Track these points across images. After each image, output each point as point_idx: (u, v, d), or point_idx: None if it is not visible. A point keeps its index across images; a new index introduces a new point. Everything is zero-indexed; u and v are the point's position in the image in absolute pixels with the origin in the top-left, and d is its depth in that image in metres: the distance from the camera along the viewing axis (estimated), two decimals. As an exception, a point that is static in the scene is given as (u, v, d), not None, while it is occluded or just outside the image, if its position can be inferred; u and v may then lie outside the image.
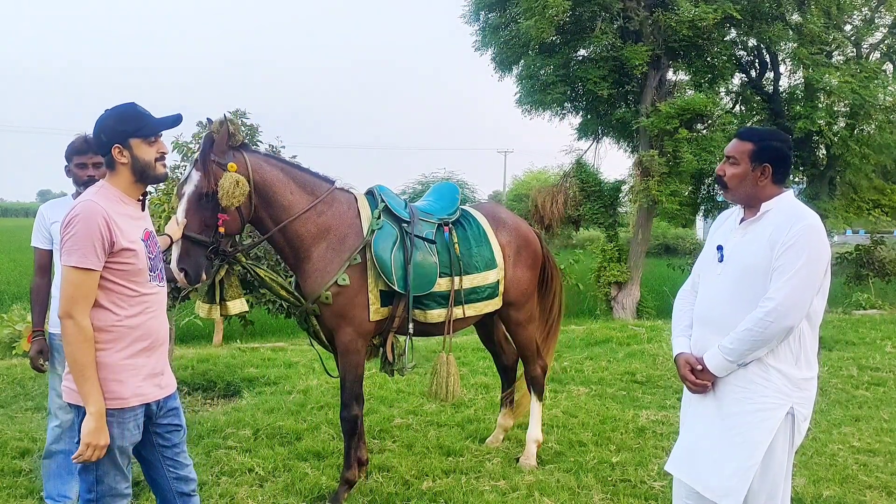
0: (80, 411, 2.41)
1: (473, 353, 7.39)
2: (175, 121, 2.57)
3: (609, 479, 4.16)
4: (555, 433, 4.94)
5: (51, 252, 3.52)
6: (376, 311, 3.81)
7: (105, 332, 2.38)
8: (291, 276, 4.03)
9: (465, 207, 4.38)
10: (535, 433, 4.50)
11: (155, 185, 6.93)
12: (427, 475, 4.18)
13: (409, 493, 3.94)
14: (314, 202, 3.74)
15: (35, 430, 4.78)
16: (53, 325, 3.52)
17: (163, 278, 2.60)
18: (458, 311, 4.06)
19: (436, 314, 4.01)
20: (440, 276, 3.97)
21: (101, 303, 2.38)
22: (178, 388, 2.71)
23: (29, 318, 5.68)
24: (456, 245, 4.08)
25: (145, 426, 2.52)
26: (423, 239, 3.96)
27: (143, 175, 2.50)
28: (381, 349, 4.02)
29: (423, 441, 4.77)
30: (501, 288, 4.24)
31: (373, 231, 3.79)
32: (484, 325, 4.67)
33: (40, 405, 5.36)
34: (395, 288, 3.77)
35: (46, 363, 3.50)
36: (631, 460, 4.44)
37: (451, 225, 4.16)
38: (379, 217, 3.87)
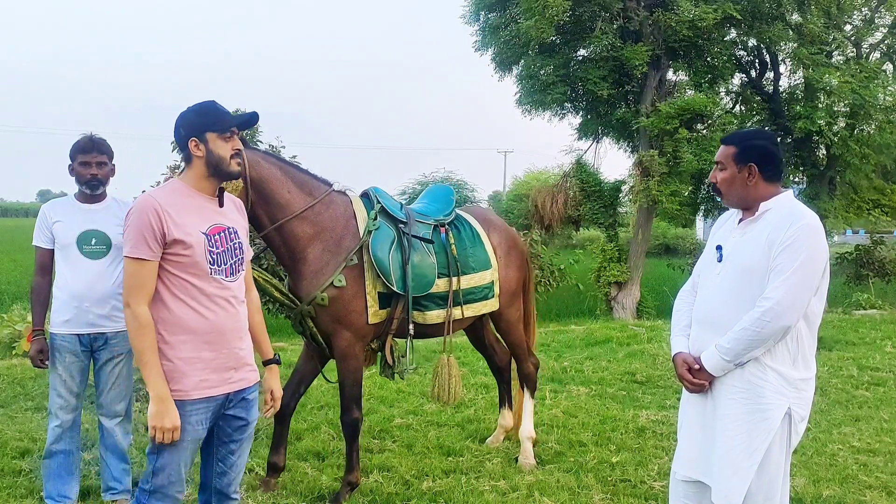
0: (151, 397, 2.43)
1: (473, 353, 7.36)
2: (251, 119, 2.67)
3: (609, 479, 4.16)
4: (555, 433, 4.94)
5: (52, 251, 3.52)
6: (375, 314, 3.79)
7: (168, 323, 2.42)
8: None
9: (457, 210, 4.39)
10: (528, 430, 4.51)
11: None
12: (427, 475, 4.18)
13: (409, 493, 3.94)
14: (312, 203, 3.72)
15: (35, 430, 4.77)
16: (54, 324, 3.52)
17: (232, 273, 2.55)
18: (456, 312, 4.06)
19: (434, 315, 4.01)
20: (438, 277, 3.97)
21: (163, 295, 2.42)
22: None
23: (29, 317, 5.68)
24: (453, 246, 4.09)
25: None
26: (421, 239, 3.95)
27: (217, 170, 2.52)
28: (381, 353, 4.01)
29: (423, 441, 4.77)
30: (497, 289, 4.25)
31: (369, 232, 3.78)
32: (474, 329, 4.68)
33: (40, 405, 5.35)
34: (394, 289, 3.77)
35: (47, 361, 3.50)
36: (631, 460, 4.45)
37: (447, 226, 4.16)
38: (375, 218, 3.86)
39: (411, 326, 3.92)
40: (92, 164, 3.50)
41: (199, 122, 2.50)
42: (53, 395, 3.52)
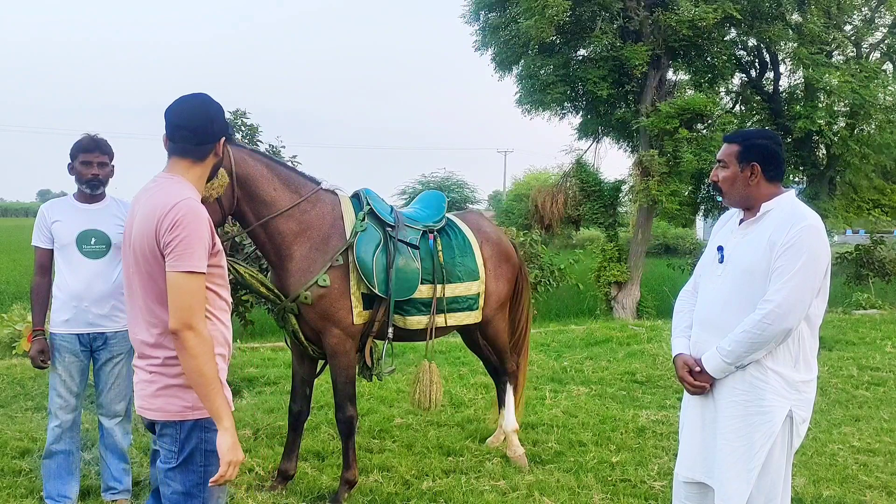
0: (181, 427, 2.19)
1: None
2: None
3: (609, 479, 4.16)
4: (555, 433, 4.94)
5: (51, 251, 3.52)
6: (359, 315, 3.80)
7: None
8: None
9: (450, 216, 4.39)
10: (511, 423, 4.55)
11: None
12: (427, 475, 4.18)
13: (409, 493, 3.94)
14: (298, 200, 3.73)
15: (35, 430, 4.77)
16: (53, 324, 3.52)
17: None
18: (438, 320, 4.07)
19: (415, 321, 4.01)
20: (422, 283, 3.96)
21: (207, 310, 2.21)
22: None
23: (29, 317, 5.68)
24: (440, 253, 4.08)
25: None
26: (407, 244, 3.95)
27: (213, 175, 2.44)
28: (360, 353, 4.01)
29: (423, 441, 4.77)
30: (482, 301, 4.26)
31: (356, 233, 3.79)
32: (468, 332, 4.68)
33: (40, 405, 5.36)
34: (376, 291, 3.77)
35: (48, 362, 3.50)
36: (631, 460, 4.45)
37: (435, 233, 4.16)
38: (363, 219, 3.86)
39: (391, 330, 3.91)
40: (94, 163, 3.50)
41: (226, 123, 2.35)
42: (53, 395, 3.52)
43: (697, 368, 2.62)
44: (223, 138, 2.34)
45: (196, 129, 2.25)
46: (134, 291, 2.23)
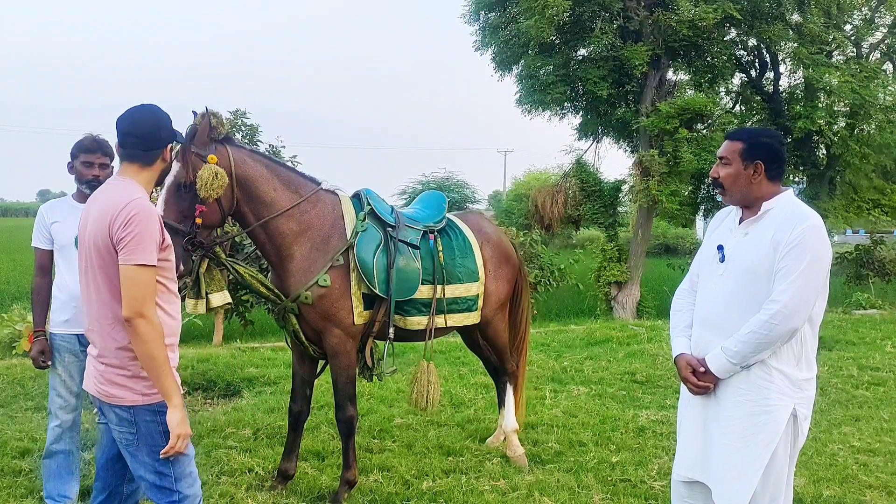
0: (133, 411, 2.39)
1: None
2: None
3: (609, 479, 4.16)
4: (555, 433, 4.94)
5: (51, 252, 3.52)
6: (359, 315, 3.80)
7: None
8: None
9: (451, 217, 4.39)
10: (511, 423, 4.55)
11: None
12: (427, 475, 4.18)
13: (409, 493, 3.94)
14: (298, 201, 3.73)
15: (35, 430, 4.77)
16: (53, 324, 3.52)
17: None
18: (438, 320, 4.06)
19: (415, 321, 4.01)
20: (422, 283, 3.96)
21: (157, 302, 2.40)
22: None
23: (29, 317, 5.67)
24: (440, 253, 4.08)
25: None
26: (407, 244, 3.94)
27: (161, 179, 2.65)
28: (360, 354, 4.01)
29: (423, 441, 4.77)
30: (481, 302, 4.26)
31: (356, 233, 3.79)
32: (468, 332, 4.68)
33: (40, 405, 5.35)
34: (377, 291, 3.77)
35: (49, 362, 3.50)
36: (631, 460, 4.45)
37: (436, 233, 4.16)
38: (364, 219, 3.86)
39: (391, 330, 3.91)
40: (95, 164, 3.50)
41: (172, 130, 2.55)
42: (53, 395, 3.52)
43: (702, 369, 2.60)
44: (171, 145, 2.56)
45: (144, 135, 2.46)
46: (89, 286, 2.43)
